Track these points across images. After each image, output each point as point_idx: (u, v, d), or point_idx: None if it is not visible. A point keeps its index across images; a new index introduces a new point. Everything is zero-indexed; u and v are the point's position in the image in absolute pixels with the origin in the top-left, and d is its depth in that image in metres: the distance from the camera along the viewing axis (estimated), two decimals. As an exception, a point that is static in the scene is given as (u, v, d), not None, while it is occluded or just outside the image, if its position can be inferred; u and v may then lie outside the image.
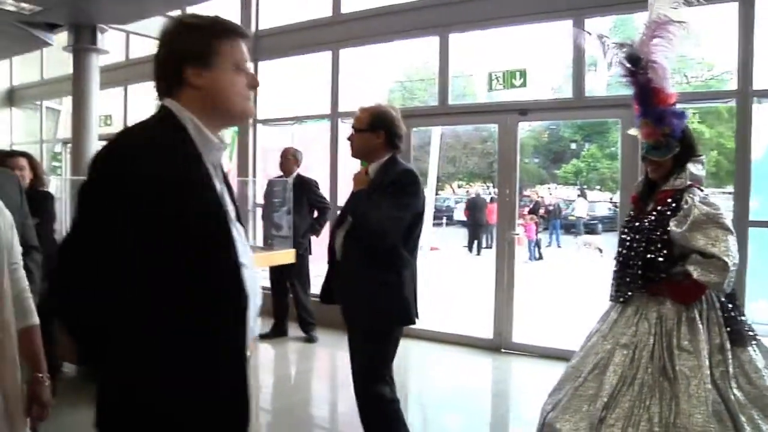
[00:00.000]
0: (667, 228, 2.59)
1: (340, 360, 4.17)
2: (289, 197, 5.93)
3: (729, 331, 2.52)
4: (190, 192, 1.44)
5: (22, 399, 1.91)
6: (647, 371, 2.51)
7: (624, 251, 2.79)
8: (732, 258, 2.41)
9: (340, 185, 6.75)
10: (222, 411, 1.49)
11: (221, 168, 1.60)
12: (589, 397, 2.60)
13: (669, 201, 2.67)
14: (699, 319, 2.52)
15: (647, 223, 2.70)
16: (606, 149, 23.32)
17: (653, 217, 2.69)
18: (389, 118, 2.95)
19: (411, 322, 2.97)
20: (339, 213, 3.14)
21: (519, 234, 6.19)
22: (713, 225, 2.47)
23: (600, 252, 14.88)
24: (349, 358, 3.05)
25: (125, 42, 9.11)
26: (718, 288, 2.48)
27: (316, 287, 5.91)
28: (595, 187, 25.33)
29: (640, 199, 2.89)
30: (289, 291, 6.12)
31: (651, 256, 2.64)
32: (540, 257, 15.68)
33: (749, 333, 2.59)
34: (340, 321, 3.06)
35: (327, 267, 3.12)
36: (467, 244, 17.22)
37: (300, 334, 6.15)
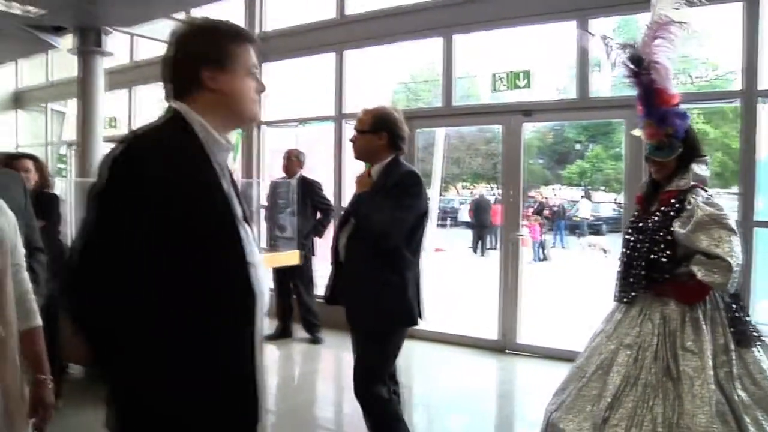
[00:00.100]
0: (671, 228, 2.59)
1: (345, 361, 4.19)
2: (294, 199, 5.94)
3: (733, 332, 2.52)
4: (199, 193, 1.46)
5: (23, 400, 1.91)
6: (651, 371, 2.51)
7: (628, 252, 2.79)
8: (736, 259, 2.41)
9: (344, 186, 6.76)
10: (233, 410, 1.50)
11: (228, 169, 1.62)
12: (593, 398, 2.60)
13: (673, 201, 2.66)
14: (703, 320, 2.52)
15: (651, 224, 2.70)
16: (611, 150, 23.25)
17: (657, 218, 2.69)
18: (392, 119, 2.96)
19: (414, 322, 2.98)
20: (342, 215, 3.15)
21: (523, 235, 6.17)
22: (717, 226, 2.47)
23: (605, 253, 14.83)
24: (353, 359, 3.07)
25: (130, 44, 9.14)
26: (722, 288, 2.48)
27: (319, 288, 5.95)
28: (600, 188, 25.26)
29: (644, 200, 2.89)
30: (293, 292, 6.13)
31: (654, 256, 2.64)
32: (545, 258, 15.64)
33: (754, 334, 2.59)
34: (345, 322, 3.07)
35: (331, 268, 3.13)
36: (472, 245, 17.20)
37: (305, 335, 6.16)
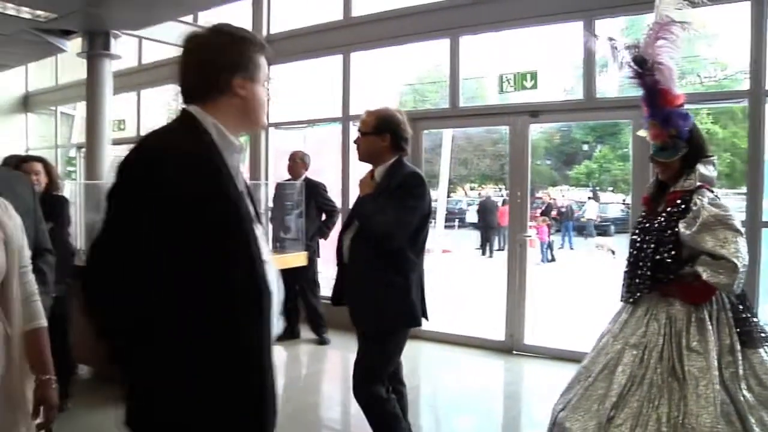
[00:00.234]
0: (676, 229, 2.59)
1: (351, 362, 4.19)
2: (301, 200, 5.96)
3: (739, 333, 2.52)
4: (213, 193, 1.49)
5: (27, 400, 1.93)
6: (656, 371, 2.51)
7: (634, 252, 2.79)
8: (741, 259, 2.41)
9: (351, 188, 6.77)
10: (246, 408, 1.52)
11: (239, 170, 1.65)
12: (599, 397, 2.60)
13: (678, 202, 2.66)
14: (709, 320, 2.52)
15: (657, 224, 2.70)
16: (618, 150, 23.17)
17: (663, 218, 2.69)
18: (395, 121, 2.97)
19: (417, 323, 3.00)
20: (347, 216, 3.17)
21: (531, 236, 6.17)
22: (722, 226, 2.46)
23: (612, 254, 14.79)
24: None
25: (138, 47, 9.19)
26: (727, 289, 2.47)
27: (324, 290, 5.96)
28: (608, 189, 25.18)
29: (651, 200, 2.89)
30: (298, 294, 6.14)
31: (660, 257, 2.64)
32: (552, 259, 15.61)
33: (761, 335, 2.57)
34: (351, 323, 3.08)
35: (336, 270, 3.15)
36: (479, 246, 17.18)
37: (312, 336, 6.18)
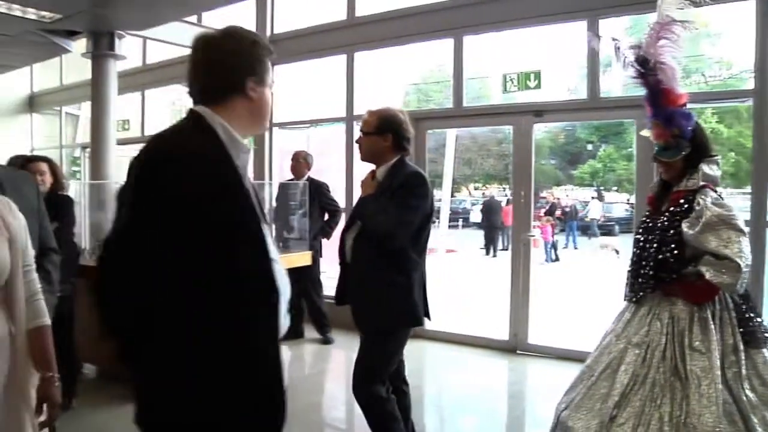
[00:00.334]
0: (679, 229, 2.59)
1: (355, 361, 4.26)
2: (305, 200, 5.98)
3: (743, 333, 2.52)
4: (223, 193, 1.51)
5: (28, 397, 1.94)
6: (659, 371, 2.51)
7: (638, 251, 2.80)
8: (745, 259, 2.41)
9: (355, 187, 6.78)
10: (258, 406, 1.54)
11: (246, 170, 1.67)
12: (602, 396, 2.61)
13: (681, 202, 2.66)
14: (711, 320, 2.52)
15: (660, 224, 2.70)
16: (623, 150, 23.13)
17: (666, 218, 2.69)
18: (397, 120, 2.98)
19: (419, 323, 3.01)
20: (349, 216, 3.18)
21: (535, 236, 6.17)
22: (725, 226, 2.46)
23: (617, 253, 14.77)
24: None
25: (142, 48, 9.22)
26: (730, 289, 2.47)
27: (327, 289, 5.97)
28: (612, 188, 25.15)
29: (655, 200, 2.90)
30: (302, 293, 6.15)
31: (662, 256, 2.64)
32: (556, 259, 15.60)
33: (764, 335, 2.57)
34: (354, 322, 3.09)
35: (339, 269, 3.16)
36: (483, 246, 17.18)
37: (316, 335, 6.19)
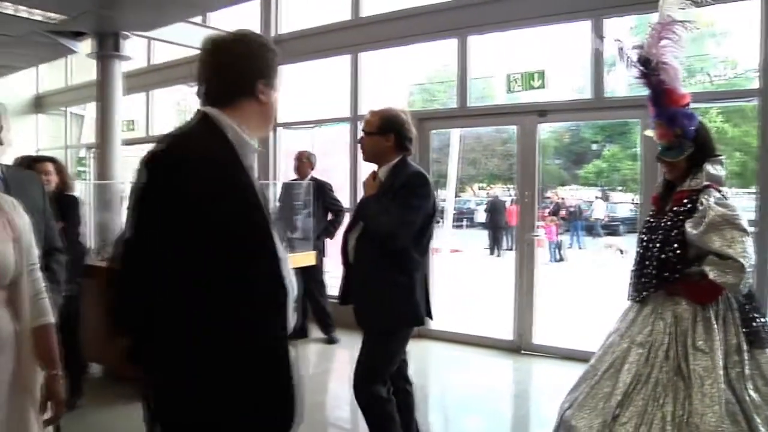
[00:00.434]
0: (682, 229, 2.59)
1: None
2: (309, 200, 5.99)
3: (746, 333, 2.51)
4: (234, 192, 1.54)
5: (34, 395, 1.96)
6: (662, 370, 2.52)
7: (641, 251, 2.80)
8: (748, 259, 2.41)
9: (360, 187, 6.77)
10: (272, 402, 1.55)
11: (254, 170, 1.70)
12: (605, 395, 2.61)
13: (685, 201, 2.66)
14: (715, 320, 2.51)
15: (663, 224, 2.70)
16: (628, 150, 23.03)
17: (669, 218, 2.69)
18: (399, 121, 2.98)
19: (421, 322, 3.02)
20: (351, 216, 3.18)
21: (539, 236, 6.16)
22: (729, 226, 2.46)
23: (622, 253, 14.72)
24: None
25: (147, 48, 9.25)
26: (734, 289, 2.47)
27: (332, 289, 5.97)
28: (618, 188, 25.05)
29: (659, 200, 2.90)
30: (306, 293, 6.15)
31: (665, 255, 2.64)
32: (561, 259, 15.56)
33: (768, 335, 2.57)
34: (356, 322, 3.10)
35: (342, 269, 3.17)
36: (488, 246, 17.16)
37: (321, 335, 6.20)
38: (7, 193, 2.16)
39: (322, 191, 6.14)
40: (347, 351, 5.98)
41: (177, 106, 10.87)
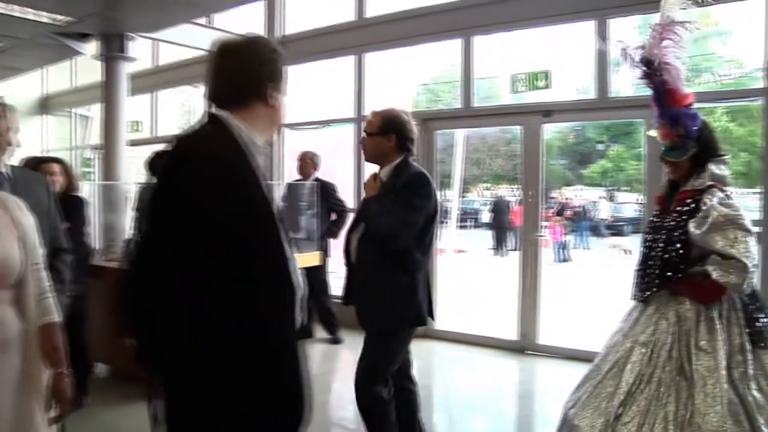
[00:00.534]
0: (686, 228, 2.59)
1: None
2: (314, 200, 6.00)
3: (750, 332, 2.51)
4: (244, 193, 1.56)
5: (40, 393, 1.97)
6: (665, 370, 2.52)
7: (645, 251, 2.81)
8: (751, 259, 2.41)
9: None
10: (281, 402, 1.57)
11: (262, 171, 1.70)
12: (607, 395, 2.61)
13: (688, 201, 2.66)
14: (718, 320, 2.52)
15: (667, 223, 2.70)
16: (633, 150, 22.96)
17: (672, 217, 2.69)
18: (400, 121, 2.99)
19: (423, 323, 3.02)
20: (353, 217, 3.19)
21: (544, 236, 6.16)
22: (732, 226, 2.46)
23: (627, 253, 14.68)
24: None
25: (153, 49, 9.28)
26: (737, 289, 2.47)
27: (335, 289, 5.97)
28: (623, 188, 24.98)
29: (663, 200, 2.90)
30: (310, 293, 6.15)
31: (668, 255, 2.65)
32: (566, 259, 15.52)
33: (774, 335, 2.57)
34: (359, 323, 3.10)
35: (345, 270, 3.17)
36: (493, 246, 17.14)
37: (325, 335, 6.21)
38: (14, 194, 2.17)
39: (325, 191, 6.15)
40: (351, 351, 5.97)
41: (182, 107, 10.90)
